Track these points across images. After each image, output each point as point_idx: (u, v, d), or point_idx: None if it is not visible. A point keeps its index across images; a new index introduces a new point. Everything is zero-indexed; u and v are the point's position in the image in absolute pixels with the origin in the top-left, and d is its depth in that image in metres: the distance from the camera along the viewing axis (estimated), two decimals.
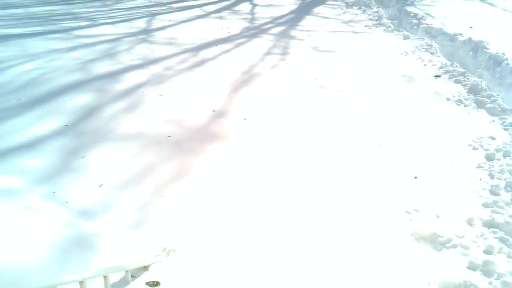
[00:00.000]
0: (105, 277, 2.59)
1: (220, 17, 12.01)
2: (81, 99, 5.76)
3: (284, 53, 8.56)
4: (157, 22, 11.03)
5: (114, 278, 2.82)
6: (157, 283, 2.84)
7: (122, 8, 13.28)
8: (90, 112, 5.44)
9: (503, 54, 7.58)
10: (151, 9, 12.91)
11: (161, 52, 8.20)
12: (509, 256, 3.32)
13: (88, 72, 6.83)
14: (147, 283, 2.84)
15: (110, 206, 3.75)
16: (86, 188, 3.99)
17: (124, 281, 2.82)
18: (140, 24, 10.80)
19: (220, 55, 8.22)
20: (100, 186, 4.04)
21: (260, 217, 3.68)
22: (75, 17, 11.58)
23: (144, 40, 9.12)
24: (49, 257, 2.97)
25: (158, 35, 9.66)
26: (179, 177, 4.25)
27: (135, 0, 14.55)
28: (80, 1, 14.56)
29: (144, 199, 3.88)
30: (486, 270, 3.17)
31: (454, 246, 3.42)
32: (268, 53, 8.48)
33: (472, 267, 3.22)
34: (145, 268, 2.99)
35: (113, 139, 4.85)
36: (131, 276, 2.87)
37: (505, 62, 7.23)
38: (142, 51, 8.25)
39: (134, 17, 11.69)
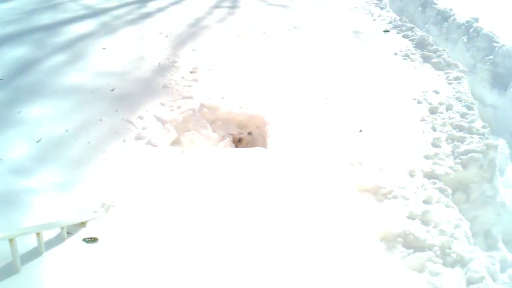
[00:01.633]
0: (38, 234, 2.49)
1: None
2: (18, 52, 5.44)
3: (233, 6, 8.35)
4: None
5: (48, 235, 2.71)
6: (95, 239, 2.76)
7: None
8: (27, 65, 5.15)
9: (451, 10, 7.67)
10: None
11: (106, 3, 7.83)
12: (446, 206, 3.42)
13: (26, 24, 6.45)
14: (84, 240, 2.75)
15: (46, 162, 3.58)
16: (22, 144, 3.78)
17: (59, 238, 2.72)
18: None
19: (168, 7, 7.94)
20: (37, 142, 3.86)
21: (202, 175, 3.62)
22: None
23: None
24: None
25: None
26: (121, 132, 4.12)
27: None
28: None
29: (83, 155, 3.74)
30: (425, 219, 3.26)
31: (395, 197, 3.48)
32: (217, 6, 8.25)
33: (411, 216, 3.29)
34: (82, 224, 2.89)
35: (52, 93, 4.62)
36: (67, 232, 2.77)
37: (452, 17, 7.33)
38: (86, 1, 7.85)
39: None
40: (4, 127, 4.02)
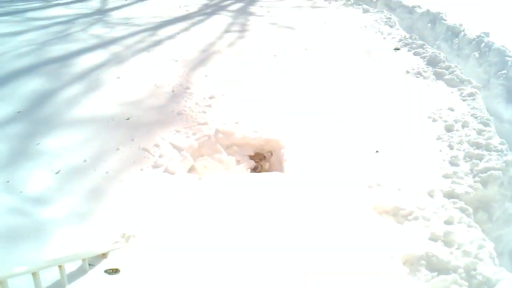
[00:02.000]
0: (60, 266, 2.50)
1: None
2: (34, 84, 5.52)
3: (243, 30, 8.43)
4: (113, 2, 10.69)
5: (70, 267, 2.72)
6: (117, 270, 2.76)
7: None
8: (43, 97, 5.22)
9: (460, 25, 7.66)
10: None
11: (117, 33, 7.94)
12: (469, 226, 3.37)
13: (40, 56, 6.55)
14: (106, 271, 2.76)
15: (65, 193, 3.62)
16: (41, 176, 3.83)
17: (81, 270, 2.73)
18: (96, 4, 10.45)
19: (179, 33, 8.03)
20: (56, 173, 3.90)
21: (221, 201, 3.62)
22: None
23: (99, 21, 8.82)
24: None
25: (114, 15, 9.37)
26: (138, 161, 4.15)
27: None
28: None
29: (102, 185, 3.77)
30: (447, 241, 3.21)
31: (416, 219, 3.44)
32: (227, 31, 8.34)
33: (433, 238, 3.25)
34: (104, 255, 2.90)
35: (68, 124, 4.67)
36: (89, 264, 2.78)
37: (463, 33, 7.32)
38: (98, 32, 7.97)
39: None
40: (23, 159, 4.07)
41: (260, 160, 4.59)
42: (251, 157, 4.60)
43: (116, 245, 3.03)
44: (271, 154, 4.52)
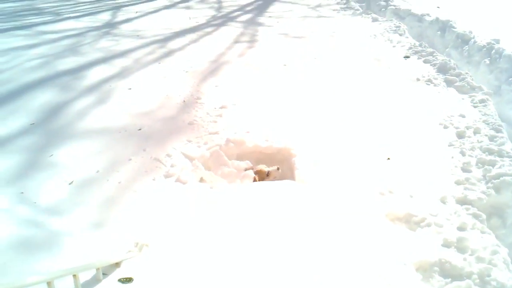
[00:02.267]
0: (74, 276, 2.52)
1: (188, 7, 11.87)
2: (47, 96, 5.60)
3: (253, 40, 8.49)
4: (123, 15, 10.83)
5: (84, 276, 2.74)
6: (130, 279, 2.77)
7: (87, 1, 13.01)
8: (56, 109, 5.30)
9: (470, 32, 7.64)
10: (116, 1, 12.68)
11: (127, 45, 8.04)
12: (482, 232, 3.35)
13: (52, 68, 6.65)
14: (119, 280, 2.77)
15: (79, 203, 3.66)
16: (55, 187, 3.87)
17: (95, 280, 2.75)
18: (106, 17, 10.60)
19: (188, 45, 8.10)
20: (70, 184, 3.94)
21: (232, 210, 3.63)
22: (39, 12, 11.32)
23: (110, 33, 8.94)
24: (13, 258, 2.90)
25: (124, 28, 9.49)
26: (150, 171, 4.18)
27: None
28: None
29: (115, 195, 3.80)
30: (460, 247, 3.19)
31: (429, 225, 3.43)
32: (237, 41, 8.40)
33: (446, 244, 3.23)
34: (117, 264, 2.92)
35: (81, 135, 4.73)
36: (103, 273, 2.80)
37: (473, 40, 7.29)
38: (108, 44, 8.08)
39: (100, 10, 11.48)
40: (37, 170, 4.12)
41: (267, 176, 4.48)
42: (256, 172, 4.53)
43: (130, 254, 3.05)
44: (278, 168, 4.47)
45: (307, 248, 3.06)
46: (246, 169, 4.41)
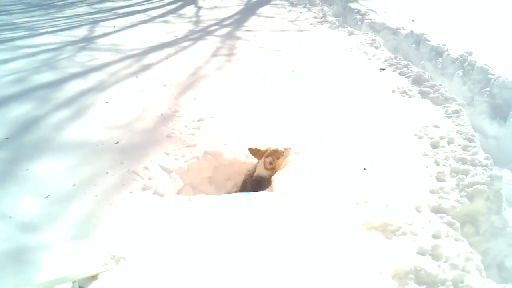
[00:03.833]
0: None
1: (166, 21, 11.90)
2: (22, 110, 5.56)
3: (231, 54, 8.54)
4: (100, 29, 10.81)
5: None
6: None
7: (64, 16, 12.96)
8: (32, 123, 5.25)
9: (444, 45, 7.82)
10: (94, 16, 12.66)
11: (105, 59, 8.03)
12: (456, 239, 3.40)
13: (28, 83, 6.60)
14: None
15: (55, 217, 3.63)
16: (30, 201, 3.84)
17: None
18: (83, 31, 10.57)
19: (166, 59, 8.12)
20: (46, 197, 3.90)
21: (211, 222, 3.63)
22: (15, 27, 11.23)
23: (87, 48, 8.92)
24: None
25: (101, 42, 9.48)
26: (127, 184, 4.16)
27: (78, 8, 14.24)
28: (21, 10, 14.13)
29: (92, 208, 3.78)
30: (435, 254, 3.23)
31: (404, 234, 3.47)
32: (215, 55, 8.44)
33: (421, 252, 3.27)
34: (94, 277, 2.90)
35: (57, 149, 4.70)
36: (79, 286, 2.77)
37: (446, 52, 7.46)
38: (85, 58, 8.06)
39: (77, 25, 11.43)
40: (12, 184, 4.08)
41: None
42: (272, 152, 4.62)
43: (106, 267, 3.03)
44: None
45: (282, 258, 3.07)
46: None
